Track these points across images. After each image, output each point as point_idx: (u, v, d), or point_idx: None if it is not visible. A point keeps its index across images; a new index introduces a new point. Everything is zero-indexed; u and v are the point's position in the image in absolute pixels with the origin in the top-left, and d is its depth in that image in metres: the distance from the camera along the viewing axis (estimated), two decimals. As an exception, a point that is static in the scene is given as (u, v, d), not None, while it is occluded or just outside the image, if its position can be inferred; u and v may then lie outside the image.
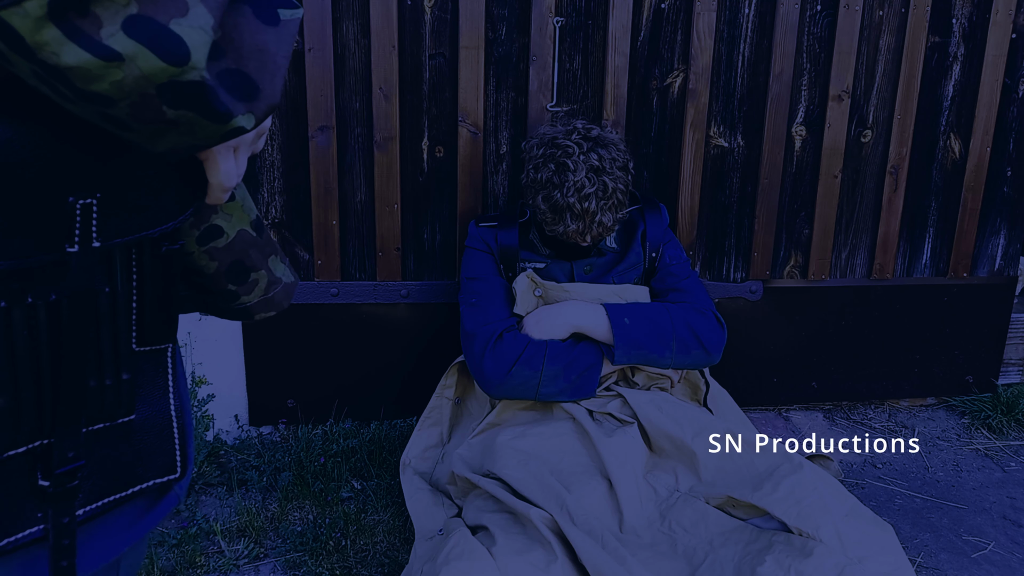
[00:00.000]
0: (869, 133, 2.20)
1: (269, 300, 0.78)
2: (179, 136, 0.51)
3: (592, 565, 1.24)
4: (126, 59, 0.44)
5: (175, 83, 0.47)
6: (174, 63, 0.46)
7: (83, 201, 0.53)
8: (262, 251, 0.75)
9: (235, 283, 0.73)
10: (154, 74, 0.45)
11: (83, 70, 0.44)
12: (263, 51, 0.52)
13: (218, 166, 0.60)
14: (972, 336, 2.42)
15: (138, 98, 0.47)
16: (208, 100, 0.48)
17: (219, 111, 0.49)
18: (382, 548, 1.67)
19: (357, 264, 2.03)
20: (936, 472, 2.09)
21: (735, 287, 2.23)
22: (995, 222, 2.35)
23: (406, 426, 2.09)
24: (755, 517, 1.34)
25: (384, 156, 1.96)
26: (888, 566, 1.21)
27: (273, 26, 0.53)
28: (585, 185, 1.59)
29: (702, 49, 2.04)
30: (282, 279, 0.79)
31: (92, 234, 0.54)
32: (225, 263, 0.71)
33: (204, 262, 0.70)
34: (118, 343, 0.59)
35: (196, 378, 2.00)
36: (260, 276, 0.75)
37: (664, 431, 1.51)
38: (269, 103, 0.53)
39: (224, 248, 0.71)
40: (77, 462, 0.58)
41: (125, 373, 0.60)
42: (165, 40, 0.45)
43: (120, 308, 0.59)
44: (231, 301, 0.75)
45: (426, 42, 1.93)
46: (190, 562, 1.60)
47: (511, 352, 1.61)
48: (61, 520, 0.58)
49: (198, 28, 0.46)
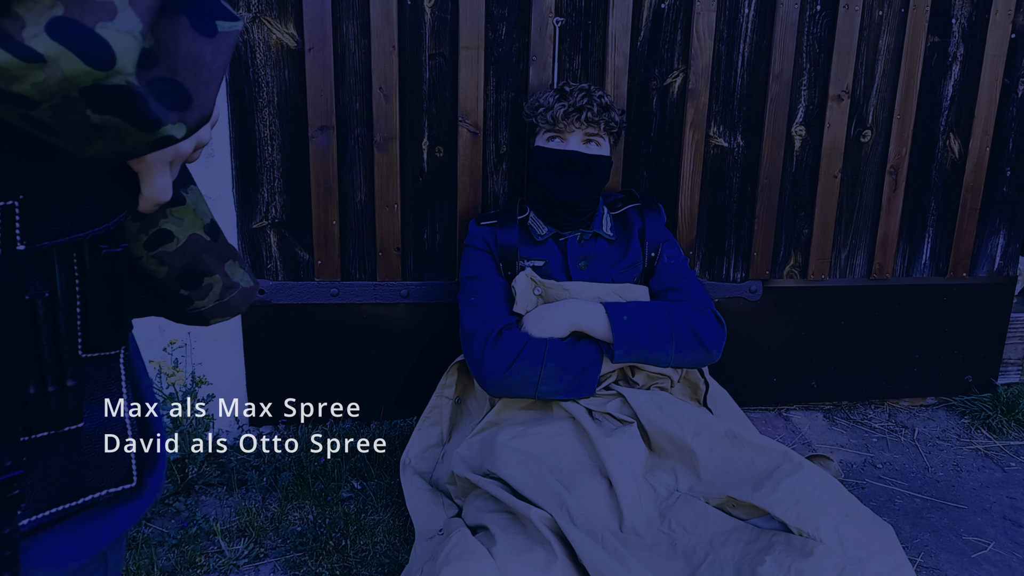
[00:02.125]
0: (869, 133, 2.20)
1: (225, 305, 0.76)
2: (106, 142, 0.50)
3: (592, 565, 1.24)
4: (48, 60, 0.44)
5: (100, 87, 0.46)
6: (98, 66, 0.45)
7: (4, 203, 0.52)
8: (218, 255, 0.74)
9: (188, 288, 0.72)
10: (77, 76, 0.45)
11: (3, 70, 0.43)
12: (198, 61, 0.52)
13: (152, 180, 0.60)
14: (972, 336, 2.42)
15: (60, 100, 0.46)
16: (136, 106, 0.48)
17: (147, 119, 0.49)
18: (382, 548, 1.67)
19: (357, 264, 2.03)
20: (936, 472, 2.09)
21: (735, 287, 2.23)
22: (994, 222, 2.35)
23: (406, 426, 2.09)
24: (755, 517, 1.34)
25: (384, 156, 1.96)
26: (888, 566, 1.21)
27: (210, 37, 0.52)
28: (577, 84, 1.81)
29: (702, 49, 2.04)
30: (239, 284, 0.77)
31: (15, 237, 0.53)
32: (176, 268, 0.70)
33: (154, 267, 0.69)
34: (61, 349, 0.58)
35: (196, 378, 2.00)
36: (214, 281, 0.74)
37: (664, 431, 1.51)
38: (202, 113, 0.53)
39: (175, 252, 0.69)
40: (15, 471, 0.56)
41: (70, 380, 0.58)
42: (90, 43, 0.44)
43: (62, 313, 0.57)
44: (185, 306, 0.74)
45: (426, 42, 1.93)
46: (190, 562, 1.60)
47: (511, 350, 1.61)
48: (2, 530, 0.56)
49: (125, 32, 0.46)
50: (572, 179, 1.73)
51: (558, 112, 1.73)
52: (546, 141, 1.77)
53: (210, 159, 1.90)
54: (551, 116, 1.74)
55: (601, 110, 1.75)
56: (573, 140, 1.75)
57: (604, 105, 1.76)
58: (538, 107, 1.77)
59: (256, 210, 1.95)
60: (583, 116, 1.73)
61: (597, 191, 1.79)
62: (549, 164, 1.74)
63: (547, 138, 1.77)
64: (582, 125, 1.74)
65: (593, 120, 1.74)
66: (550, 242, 1.81)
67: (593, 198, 1.80)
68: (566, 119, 1.73)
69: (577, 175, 1.73)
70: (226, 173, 1.92)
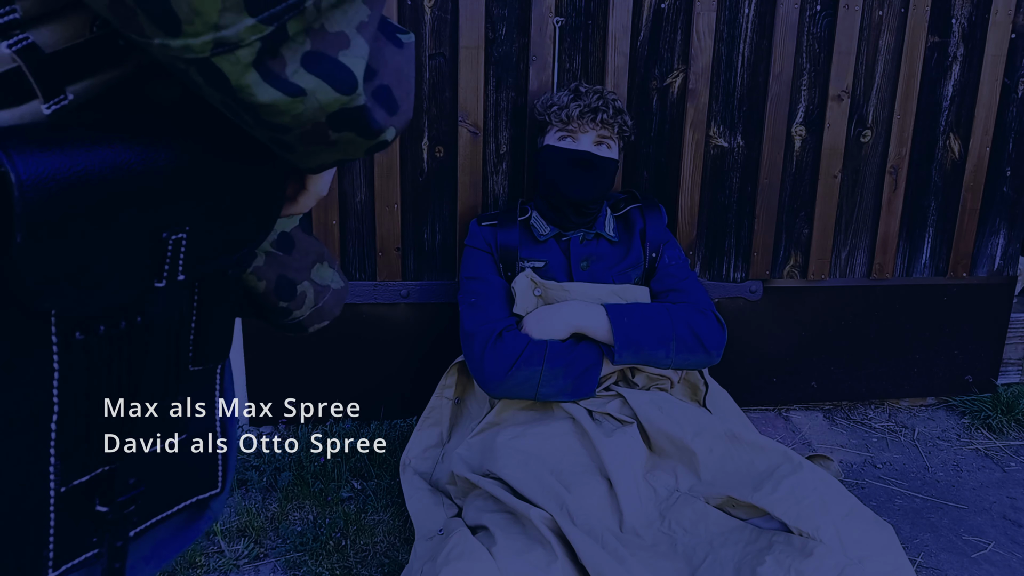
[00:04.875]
0: (869, 133, 2.20)
1: (320, 311, 0.78)
2: (334, 154, 0.54)
3: (592, 565, 1.24)
4: (308, 93, 0.47)
5: (344, 110, 0.49)
6: (345, 92, 0.48)
7: (175, 236, 0.53)
8: (299, 264, 0.75)
9: (285, 299, 0.74)
10: (329, 104, 0.48)
11: (273, 106, 0.46)
12: (399, 72, 0.55)
13: (324, 177, 0.64)
14: (972, 336, 2.42)
15: (311, 127, 0.49)
16: (366, 121, 0.51)
17: (373, 128, 0.52)
18: (382, 548, 1.67)
19: (357, 264, 2.03)
20: (936, 472, 2.09)
21: (735, 287, 2.23)
22: (994, 222, 2.35)
23: (406, 426, 2.09)
24: (755, 517, 1.34)
25: (384, 156, 1.96)
26: (888, 566, 1.21)
27: (400, 48, 0.56)
28: (591, 86, 1.81)
29: (702, 49, 2.04)
30: (330, 286, 0.78)
31: (179, 268, 0.54)
32: (272, 280, 0.72)
33: (253, 283, 0.71)
34: (178, 366, 0.59)
35: (196, 378, 2.00)
36: (306, 288, 0.76)
37: (664, 431, 1.51)
38: (407, 117, 0.56)
39: (265, 267, 0.71)
40: (138, 488, 0.57)
41: (182, 396, 0.60)
42: (338, 72, 0.47)
43: (183, 331, 0.59)
44: (284, 317, 0.76)
45: (426, 42, 1.93)
46: (190, 562, 1.60)
47: (511, 351, 1.61)
48: (115, 544, 0.57)
49: (359, 58, 0.49)
50: (583, 179, 1.73)
51: (573, 112, 1.72)
52: (557, 140, 1.77)
53: (210, 159, 1.90)
54: (565, 115, 1.73)
55: (616, 113, 1.76)
56: (585, 140, 1.75)
57: (618, 109, 1.77)
58: (551, 105, 1.77)
59: (256, 210, 1.95)
60: (598, 118, 1.73)
61: (605, 192, 1.80)
62: (560, 163, 1.74)
63: (558, 137, 1.77)
64: (596, 127, 1.74)
65: (607, 122, 1.74)
66: (551, 242, 1.81)
67: (600, 199, 1.80)
68: (580, 119, 1.73)
69: (588, 175, 1.73)
70: (226, 173, 1.92)
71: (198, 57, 0.43)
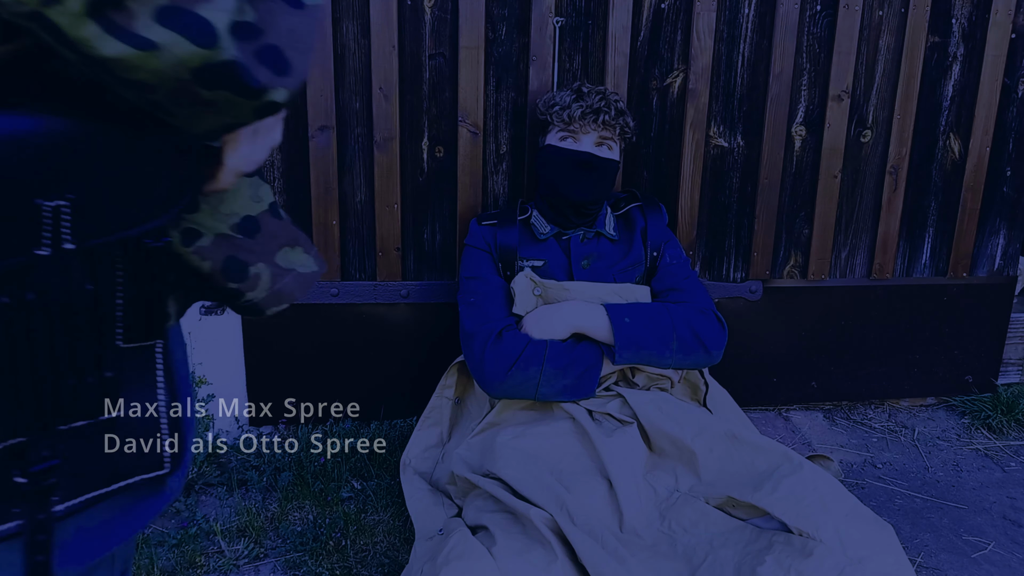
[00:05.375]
0: (869, 133, 2.20)
1: (278, 293, 0.76)
2: (217, 116, 0.53)
3: (592, 565, 1.24)
4: (161, 47, 0.47)
5: (208, 65, 0.49)
6: (205, 46, 0.48)
7: (51, 204, 0.53)
8: (263, 246, 0.74)
9: (235, 280, 0.72)
10: (188, 59, 0.48)
11: (122, 61, 0.47)
12: (293, 32, 0.55)
13: (239, 148, 0.62)
14: (972, 336, 2.42)
15: (175, 84, 0.49)
16: (241, 78, 0.51)
17: (252, 87, 0.52)
18: (382, 548, 1.67)
19: (357, 264, 2.03)
20: (936, 472, 2.09)
21: (735, 287, 2.23)
22: (995, 222, 2.35)
23: (406, 426, 2.09)
24: (755, 517, 1.34)
25: (384, 156, 1.96)
26: (888, 566, 1.21)
27: (300, 9, 0.56)
28: (593, 86, 1.80)
29: (702, 49, 2.04)
30: (296, 269, 0.77)
31: (64, 236, 0.54)
32: (219, 261, 0.70)
33: (196, 262, 0.69)
34: (102, 341, 0.59)
35: (196, 378, 2.00)
36: (261, 270, 0.74)
37: (664, 431, 1.51)
38: (301, 79, 0.56)
39: (211, 247, 0.69)
40: (52, 461, 0.58)
41: (108, 371, 0.60)
42: (195, 25, 0.47)
43: (104, 306, 0.58)
44: (238, 299, 0.74)
45: (426, 42, 1.93)
46: (190, 562, 1.60)
47: (511, 351, 1.61)
48: (37, 516, 0.57)
49: (222, 12, 0.49)
50: (584, 180, 1.73)
51: (575, 112, 1.72)
52: (559, 140, 1.76)
53: (210, 159, 1.90)
54: (567, 115, 1.73)
55: (618, 114, 1.75)
56: (586, 141, 1.75)
57: (620, 110, 1.76)
58: (553, 105, 1.77)
59: (256, 210, 1.95)
60: (600, 119, 1.72)
61: (606, 193, 1.79)
62: (561, 164, 1.74)
63: (560, 137, 1.76)
64: (597, 127, 1.73)
65: (609, 123, 1.74)
66: (552, 241, 1.81)
67: (601, 200, 1.80)
68: (583, 119, 1.72)
69: (589, 176, 1.73)
70: (226, 173, 1.92)
71: (32, 10, 0.44)
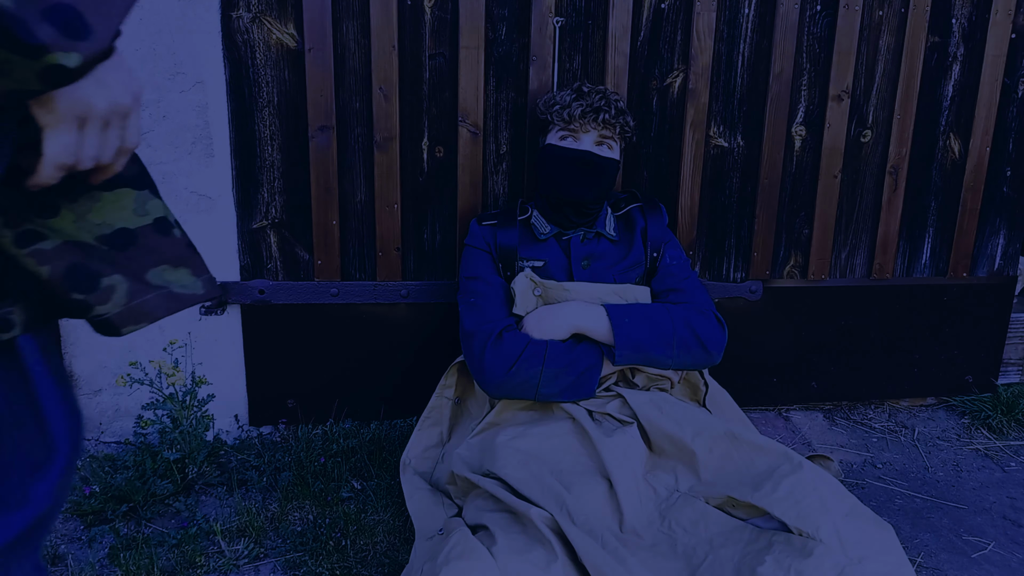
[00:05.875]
0: (869, 133, 2.20)
1: (135, 310, 0.67)
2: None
3: (592, 565, 1.24)
4: None
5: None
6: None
7: None
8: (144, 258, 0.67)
9: (81, 291, 0.64)
10: None
11: None
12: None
13: (58, 135, 0.55)
14: (972, 336, 2.42)
15: None
16: (12, 30, 0.46)
17: (28, 43, 0.46)
18: (382, 548, 1.67)
19: (357, 264, 2.03)
20: (936, 472, 2.09)
21: (735, 287, 2.23)
22: (994, 222, 2.36)
23: (406, 426, 2.09)
24: (755, 517, 1.34)
25: (384, 156, 1.96)
26: (888, 566, 1.21)
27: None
28: (594, 86, 1.80)
29: (702, 49, 2.04)
30: (168, 288, 0.69)
31: None
32: (60, 267, 0.62)
33: (32, 266, 0.62)
34: None
35: (196, 378, 2.00)
36: (116, 283, 0.65)
37: (664, 431, 1.51)
38: (100, 46, 0.50)
39: (54, 251, 0.62)
40: None
41: None
42: None
43: None
44: (85, 312, 0.65)
45: (426, 42, 1.93)
46: (190, 562, 1.60)
47: (511, 352, 1.61)
48: None
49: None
50: (583, 179, 1.73)
51: (575, 111, 1.72)
52: (559, 140, 1.77)
53: (210, 159, 1.91)
54: (567, 114, 1.73)
55: (618, 113, 1.75)
56: (587, 140, 1.75)
57: (620, 109, 1.76)
58: (554, 104, 1.77)
59: (256, 210, 1.95)
60: (600, 118, 1.72)
61: (606, 193, 1.79)
62: (561, 163, 1.74)
63: (560, 137, 1.77)
64: (598, 127, 1.73)
65: (609, 122, 1.74)
66: (552, 241, 1.81)
67: (601, 199, 1.80)
68: (583, 118, 1.73)
69: (589, 176, 1.73)
70: (226, 173, 1.92)
71: None
